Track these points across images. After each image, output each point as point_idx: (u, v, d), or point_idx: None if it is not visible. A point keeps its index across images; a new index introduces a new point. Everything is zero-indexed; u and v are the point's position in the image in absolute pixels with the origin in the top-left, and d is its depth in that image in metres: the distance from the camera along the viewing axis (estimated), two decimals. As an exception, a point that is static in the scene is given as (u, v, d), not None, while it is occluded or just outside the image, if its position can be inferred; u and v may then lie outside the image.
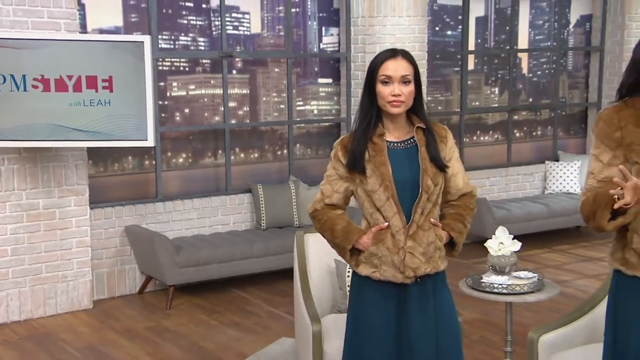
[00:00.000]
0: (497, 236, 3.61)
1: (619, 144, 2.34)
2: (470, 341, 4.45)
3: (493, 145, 7.43)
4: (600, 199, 2.28)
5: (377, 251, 2.59)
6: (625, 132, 2.34)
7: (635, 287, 2.38)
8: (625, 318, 2.41)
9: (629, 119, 2.34)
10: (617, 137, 2.35)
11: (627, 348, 2.40)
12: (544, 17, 7.55)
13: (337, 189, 2.65)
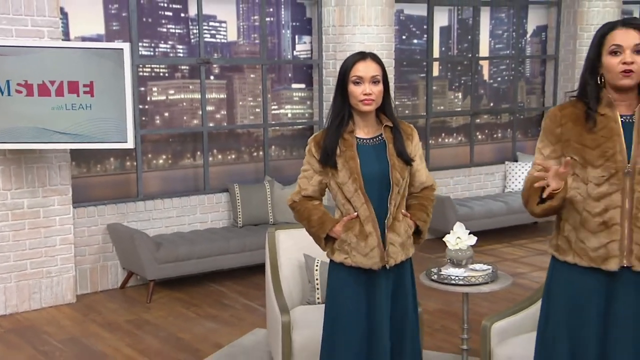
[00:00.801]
0: (455, 231, 3.65)
1: (558, 139, 2.42)
2: (433, 330, 4.50)
3: (457, 146, 7.50)
4: (531, 186, 2.40)
5: (347, 238, 2.67)
6: (564, 129, 2.42)
7: (565, 271, 2.47)
8: (557, 300, 2.49)
9: (570, 117, 2.42)
10: (557, 133, 2.43)
11: (557, 328, 2.48)
12: (503, 27, 7.63)
13: (312, 182, 2.73)
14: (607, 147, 2.35)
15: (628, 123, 2.38)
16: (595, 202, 2.36)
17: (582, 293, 2.43)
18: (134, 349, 4.31)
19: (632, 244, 2.35)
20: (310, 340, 3.33)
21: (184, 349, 4.29)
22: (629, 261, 2.36)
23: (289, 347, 3.34)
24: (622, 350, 2.39)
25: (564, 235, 2.46)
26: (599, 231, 2.37)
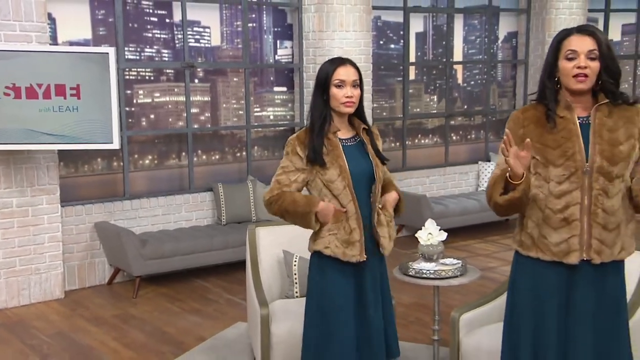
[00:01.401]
0: (427, 227, 3.67)
1: (521, 140, 2.43)
2: (407, 322, 4.54)
3: (432, 147, 7.54)
4: (494, 178, 2.46)
5: (335, 229, 2.68)
6: (527, 130, 2.45)
7: (529, 265, 2.50)
8: (521, 293, 2.53)
9: (531, 119, 2.46)
10: (520, 134, 2.45)
11: (521, 318, 2.52)
12: (475, 33, 7.70)
13: (294, 179, 2.69)
14: (567, 147, 2.39)
15: (585, 124, 2.42)
16: (556, 200, 2.40)
17: (544, 286, 2.47)
18: (119, 342, 4.30)
19: (591, 238, 2.40)
20: (288, 332, 3.35)
21: (168, 342, 4.29)
22: (588, 255, 2.40)
23: (268, 338, 3.35)
24: (582, 338, 2.43)
25: (527, 232, 2.49)
26: (560, 227, 2.40)
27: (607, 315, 2.46)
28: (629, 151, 2.41)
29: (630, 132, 2.42)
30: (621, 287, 2.51)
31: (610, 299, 2.47)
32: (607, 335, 2.46)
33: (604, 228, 2.39)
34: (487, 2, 7.53)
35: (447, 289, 4.92)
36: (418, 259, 3.69)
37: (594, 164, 2.38)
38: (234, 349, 4.10)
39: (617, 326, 2.49)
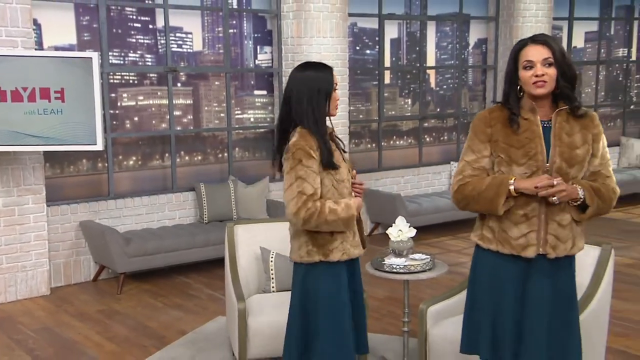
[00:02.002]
0: (397, 224, 3.70)
1: (489, 138, 2.49)
2: (380, 315, 4.58)
3: (407, 148, 7.58)
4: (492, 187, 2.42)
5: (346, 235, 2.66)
6: (494, 130, 2.49)
7: (489, 258, 2.55)
8: (481, 284, 2.58)
9: (498, 120, 2.49)
10: (488, 133, 2.49)
11: (481, 309, 2.56)
12: (447, 39, 7.77)
13: (317, 183, 2.54)
14: (530, 148, 2.44)
15: (546, 127, 2.48)
16: (518, 197, 2.44)
17: (502, 278, 2.51)
18: (103, 336, 4.30)
19: (547, 234, 2.45)
20: (264, 325, 3.38)
21: (150, 336, 4.29)
22: (544, 249, 2.46)
23: (245, 331, 3.38)
24: (537, 329, 2.48)
25: (488, 226, 2.54)
26: (520, 222, 2.45)
27: (560, 307, 2.52)
28: (584, 155, 2.48)
29: (585, 138, 2.49)
30: (572, 281, 2.57)
31: (563, 292, 2.53)
32: (560, 327, 2.52)
33: (559, 224, 2.45)
34: (458, 10, 7.61)
35: (419, 284, 4.99)
36: (389, 255, 3.72)
37: (554, 164, 2.44)
38: (213, 342, 4.11)
39: (569, 318, 2.54)
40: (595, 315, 3.10)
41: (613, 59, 9.02)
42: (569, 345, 2.54)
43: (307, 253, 2.60)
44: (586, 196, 2.43)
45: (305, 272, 2.63)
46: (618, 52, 9.09)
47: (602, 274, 3.18)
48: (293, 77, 2.62)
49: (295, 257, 2.66)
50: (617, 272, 5.36)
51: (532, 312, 2.48)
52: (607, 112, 9.06)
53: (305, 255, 2.60)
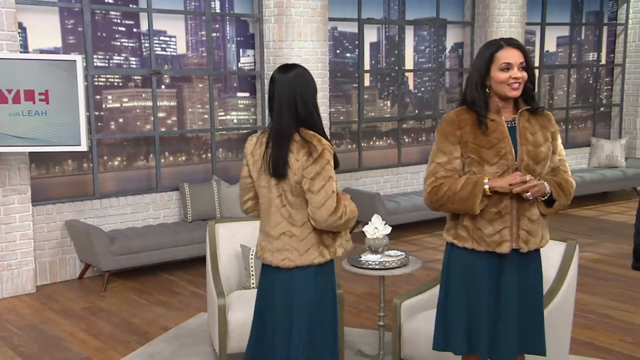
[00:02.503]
0: (373, 222, 3.74)
1: (459, 140, 2.51)
2: (358, 310, 4.61)
3: (386, 149, 7.61)
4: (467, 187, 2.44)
5: None
6: (463, 132, 2.50)
7: (465, 255, 2.57)
8: (456, 281, 2.59)
9: (467, 122, 2.51)
10: (458, 135, 2.51)
11: (456, 304, 2.59)
12: (425, 43, 7.82)
13: None
14: (500, 148, 2.47)
15: (511, 127, 2.53)
16: (491, 196, 2.48)
17: (478, 274, 2.55)
18: (87, 333, 4.29)
19: (519, 229, 2.50)
20: (243, 321, 3.39)
21: (134, 332, 4.29)
22: (517, 244, 2.50)
23: (225, 326, 3.39)
24: (509, 321, 2.53)
25: (463, 225, 2.55)
26: (494, 220, 2.49)
27: (529, 298, 2.57)
28: (547, 152, 2.54)
29: (545, 136, 2.55)
30: (540, 273, 2.63)
31: (532, 283, 2.59)
32: (529, 317, 2.57)
33: (530, 220, 2.51)
34: (435, 15, 7.67)
35: (397, 279, 5.03)
36: (365, 252, 3.76)
37: (522, 162, 2.48)
38: (195, 337, 4.12)
39: (536, 308, 2.60)
40: (560, 308, 3.16)
41: (584, 63, 9.14)
42: (536, 334, 2.59)
43: (319, 254, 2.53)
44: (552, 191, 2.49)
45: (315, 272, 2.55)
46: (588, 56, 9.21)
47: (567, 268, 3.24)
48: (299, 80, 2.50)
49: (305, 260, 2.52)
50: (586, 267, 5.49)
51: (505, 304, 2.53)
52: (578, 114, 9.18)
53: (319, 256, 2.53)
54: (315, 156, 2.43)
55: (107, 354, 3.94)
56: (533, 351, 2.61)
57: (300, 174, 2.46)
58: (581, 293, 4.85)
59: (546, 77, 8.79)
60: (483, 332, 2.54)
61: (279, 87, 2.52)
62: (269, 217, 2.55)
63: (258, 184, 2.57)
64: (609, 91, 9.41)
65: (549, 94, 8.86)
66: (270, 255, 2.56)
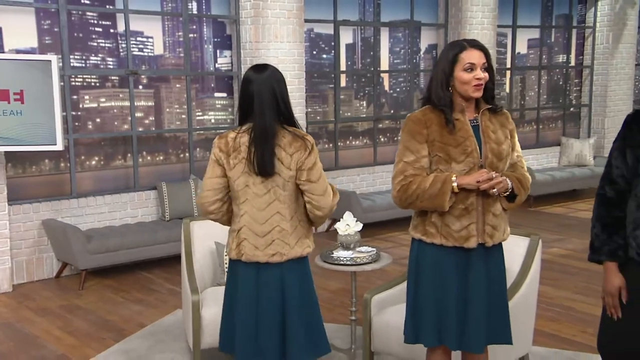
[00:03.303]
0: (345, 219, 3.75)
1: (426, 139, 2.52)
2: (333, 305, 4.64)
3: (362, 148, 7.65)
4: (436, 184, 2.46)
5: None
6: (430, 131, 2.51)
7: (433, 251, 2.58)
8: (426, 276, 2.61)
9: (433, 121, 2.52)
10: (425, 134, 2.51)
11: (426, 298, 2.60)
12: (400, 45, 7.88)
13: None
14: (466, 146, 2.50)
15: (474, 126, 2.57)
16: (458, 193, 2.51)
17: (446, 268, 2.57)
18: (63, 330, 4.26)
19: (485, 224, 2.54)
20: (217, 317, 3.38)
21: (110, 329, 4.27)
22: (482, 239, 2.54)
23: (199, 322, 3.39)
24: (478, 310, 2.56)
25: (431, 221, 2.56)
26: (461, 216, 2.51)
27: (495, 291, 2.61)
28: (508, 150, 2.59)
29: (505, 134, 2.60)
30: (503, 265, 2.67)
31: (497, 276, 2.63)
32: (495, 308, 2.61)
33: (494, 215, 2.55)
34: (410, 17, 7.73)
35: (371, 275, 5.07)
36: (337, 248, 3.78)
37: (486, 159, 2.52)
38: (171, 333, 4.12)
39: (501, 299, 2.64)
40: (524, 300, 3.22)
41: (554, 65, 9.27)
42: (502, 325, 2.64)
43: (306, 245, 2.61)
44: (514, 186, 2.54)
45: (304, 266, 2.62)
46: (558, 58, 9.35)
47: (531, 262, 3.30)
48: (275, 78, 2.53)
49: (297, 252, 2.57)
50: (553, 262, 5.58)
51: (473, 296, 2.56)
52: (548, 114, 9.32)
53: (306, 247, 2.61)
54: (309, 148, 2.52)
55: (83, 351, 3.92)
56: (500, 341, 2.65)
57: (294, 168, 2.50)
58: (548, 287, 4.94)
59: (517, 78, 8.91)
60: (452, 325, 2.57)
61: (257, 87, 2.51)
62: (255, 214, 2.54)
63: (238, 184, 2.54)
64: (578, 92, 9.57)
65: (520, 95, 8.97)
66: (258, 251, 2.55)
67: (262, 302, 2.59)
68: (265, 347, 2.60)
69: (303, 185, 2.54)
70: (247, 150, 2.50)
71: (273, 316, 2.59)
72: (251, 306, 2.60)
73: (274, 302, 2.58)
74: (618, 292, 2.39)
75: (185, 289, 3.62)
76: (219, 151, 2.57)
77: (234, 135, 2.56)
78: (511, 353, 3.19)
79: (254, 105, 2.51)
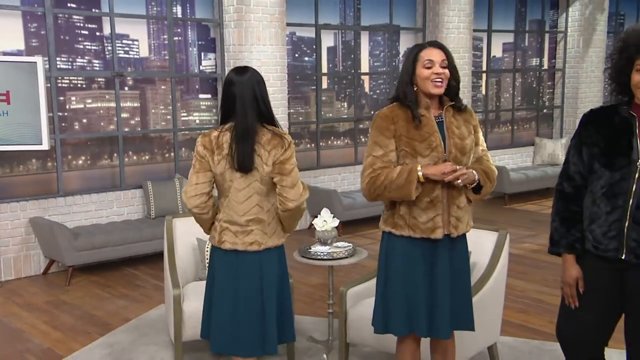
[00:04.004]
0: (322, 215, 3.79)
1: (393, 134, 2.57)
2: (312, 300, 4.68)
3: (343, 148, 7.68)
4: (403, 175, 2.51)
5: None
6: (397, 126, 2.57)
7: (402, 242, 2.63)
8: (395, 267, 2.65)
9: (400, 117, 2.58)
10: (392, 129, 2.57)
11: (395, 288, 2.65)
12: (379, 48, 7.93)
13: None
14: (431, 141, 2.56)
15: (439, 122, 2.62)
16: (424, 185, 2.56)
17: (414, 259, 2.61)
18: (49, 325, 4.25)
19: (450, 216, 2.59)
20: (197, 310, 3.40)
21: (95, 324, 4.27)
22: (448, 230, 2.59)
23: (180, 315, 3.41)
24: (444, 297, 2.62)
25: (400, 214, 2.62)
26: (427, 208, 2.56)
27: (460, 279, 2.67)
28: (471, 144, 2.65)
29: (469, 130, 2.66)
30: (467, 254, 2.73)
31: (461, 265, 2.68)
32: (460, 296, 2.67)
33: (458, 207, 2.60)
34: (389, 21, 7.79)
35: (349, 270, 5.12)
36: (315, 243, 3.81)
37: (450, 154, 2.57)
38: (154, 327, 4.13)
39: (466, 287, 2.70)
40: (492, 291, 3.28)
41: (527, 68, 9.39)
42: (466, 312, 2.70)
43: (282, 236, 2.71)
44: (480, 178, 2.60)
45: (279, 253, 2.73)
46: (532, 61, 9.47)
47: (499, 255, 3.36)
48: (256, 80, 2.61)
49: (273, 242, 2.69)
50: (525, 256, 5.68)
51: (439, 285, 2.61)
52: (523, 115, 9.43)
53: (281, 238, 2.71)
54: (286, 145, 2.62)
55: (68, 344, 3.92)
56: (464, 327, 2.71)
57: (271, 164, 2.59)
58: (519, 280, 5.02)
59: (493, 80, 9.01)
60: (421, 313, 2.62)
61: (239, 89, 2.58)
62: (236, 207, 2.63)
63: (223, 179, 2.62)
64: (550, 94, 9.70)
65: (495, 97, 9.08)
66: (237, 239, 2.63)
67: (241, 290, 2.65)
68: (244, 336, 2.65)
69: (275, 177, 2.62)
70: (229, 148, 2.57)
71: (252, 305, 2.65)
72: (229, 293, 2.66)
73: (253, 290, 2.65)
74: (575, 282, 2.45)
75: (167, 283, 3.64)
76: (203, 148, 2.64)
77: (216, 134, 2.63)
78: (480, 342, 3.26)
79: (236, 105, 2.59)
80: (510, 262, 5.41)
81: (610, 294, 2.41)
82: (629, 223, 2.30)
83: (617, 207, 2.32)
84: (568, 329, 2.52)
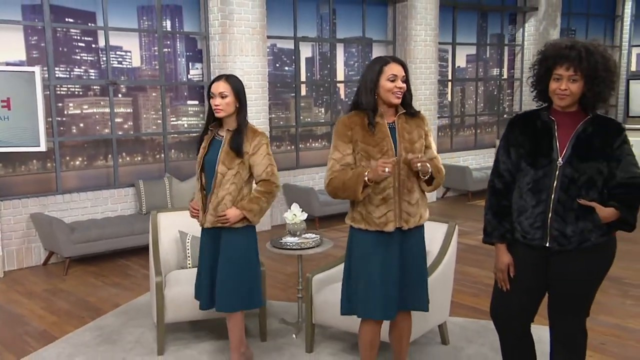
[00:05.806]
0: (292, 209, 3.88)
1: (350, 139, 2.67)
2: (286, 287, 4.77)
3: (321, 150, 7.76)
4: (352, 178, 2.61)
5: None
6: (353, 132, 2.66)
7: (361, 235, 2.73)
8: (356, 257, 2.76)
9: (357, 123, 2.67)
10: (349, 135, 2.66)
11: (357, 275, 2.75)
12: (354, 59, 8.03)
13: None
14: (382, 145, 2.65)
15: (392, 128, 2.72)
16: (376, 184, 2.66)
17: (370, 249, 2.71)
18: (46, 310, 4.32)
19: (401, 212, 2.69)
20: (178, 295, 3.51)
21: (88, 309, 4.34)
22: (399, 224, 2.69)
23: (162, 300, 3.49)
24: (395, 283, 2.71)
25: (357, 210, 2.72)
26: (380, 205, 2.67)
27: (414, 266, 2.77)
28: (421, 147, 2.75)
29: (420, 134, 2.76)
30: (422, 244, 2.82)
31: (415, 253, 2.78)
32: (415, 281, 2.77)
33: (409, 203, 2.70)
34: (362, 35, 7.89)
35: (319, 259, 5.22)
36: (286, 235, 3.90)
37: (401, 157, 2.67)
38: (141, 312, 4.21)
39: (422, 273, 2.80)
40: (442, 276, 3.39)
41: (489, 77, 9.55)
42: (420, 294, 2.80)
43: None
44: (433, 170, 2.70)
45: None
46: (493, 71, 9.63)
47: (448, 244, 3.48)
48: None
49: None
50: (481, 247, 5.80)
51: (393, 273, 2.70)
52: (485, 120, 9.59)
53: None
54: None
55: (62, 327, 3.99)
56: (418, 308, 2.82)
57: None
58: (474, 268, 5.16)
59: (457, 88, 9.15)
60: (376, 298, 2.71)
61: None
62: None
63: None
64: (510, 101, 9.86)
65: (460, 103, 9.22)
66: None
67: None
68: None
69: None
70: None
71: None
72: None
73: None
74: (507, 268, 2.56)
75: (151, 271, 3.72)
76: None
77: None
78: (431, 321, 3.37)
79: None
80: (468, 252, 5.58)
81: (537, 277, 2.52)
82: (551, 215, 2.41)
83: (541, 201, 2.43)
84: (500, 309, 2.62)
